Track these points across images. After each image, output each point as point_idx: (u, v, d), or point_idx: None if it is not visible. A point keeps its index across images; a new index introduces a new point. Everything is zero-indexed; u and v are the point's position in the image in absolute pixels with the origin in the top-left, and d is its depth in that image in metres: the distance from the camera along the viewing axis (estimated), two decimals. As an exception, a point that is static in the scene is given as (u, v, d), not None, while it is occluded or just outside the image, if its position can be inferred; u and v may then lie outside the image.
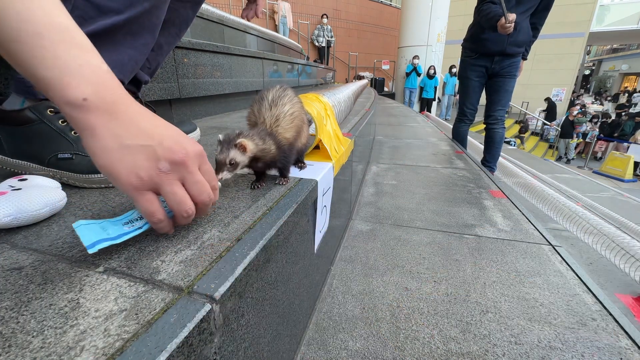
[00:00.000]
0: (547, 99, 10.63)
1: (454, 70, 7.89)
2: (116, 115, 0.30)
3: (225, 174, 0.47)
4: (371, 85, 7.47)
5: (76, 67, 0.29)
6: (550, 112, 10.25)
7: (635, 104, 11.83)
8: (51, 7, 0.29)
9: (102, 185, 0.54)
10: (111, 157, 0.30)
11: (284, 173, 0.57)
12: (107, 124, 0.30)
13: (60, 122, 0.52)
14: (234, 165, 0.47)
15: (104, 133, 0.30)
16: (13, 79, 0.53)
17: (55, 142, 0.51)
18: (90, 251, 0.30)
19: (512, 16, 1.73)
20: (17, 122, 0.50)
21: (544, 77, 11.15)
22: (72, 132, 0.52)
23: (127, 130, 0.30)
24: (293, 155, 0.59)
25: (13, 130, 0.50)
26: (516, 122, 10.77)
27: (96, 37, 0.38)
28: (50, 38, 0.28)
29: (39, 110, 0.50)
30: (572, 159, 8.76)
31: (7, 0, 0.27)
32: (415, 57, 7.34)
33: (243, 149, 0.48)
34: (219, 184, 0.38)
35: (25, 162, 0.52)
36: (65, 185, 0.52)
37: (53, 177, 0.52)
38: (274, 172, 0.58)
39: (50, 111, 0.51)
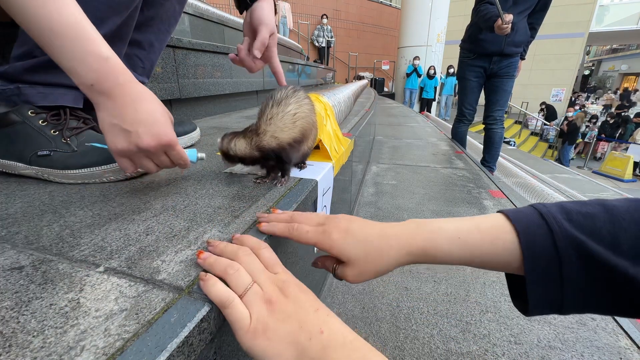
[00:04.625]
0: (543, 104, 10.63)
1: (451, 70, 7.90)
2: (113, 99, 0.40)
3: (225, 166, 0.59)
4: (371, 86, 7.46)
5: (82, 58, 0.37)
6: (549, 113, 10.26)
7: (635, 104, 11.84)
8: (61, 3, 0.36)
9: (79, 181, 0.54)
10: (104, 127, 0.41)
11: (282, 174, 0.57)
12: (106, 103, 0.40)
13: (40, 121, 0.54)
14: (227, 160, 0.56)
15: (102, 109, 0.40)
16: None
17: (35, 140, 0.54)
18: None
19: (509, 17, 1.73)
20: (3, 124, 0.53)
21: (543, 77, 11.15)
22: (52, 131, 0.54)
23: (118, 112, 0.40)
24: (288, 156, 0.56)
25: (0, 132, 0.54)
26: (516, 122, 10.79)
27: None
28: (63, 33, 0.36)
29: (21, 112, 0.53)
30: (572, 159, 8.77)
31: (26, 1, 0.34)
32: (416, 57, 7.34)
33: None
34: (188, 161, 0.49)
35: (12, 162, 0.54)
36: (48, 182, 0.54)
37: (36, 175, 0.54)
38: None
39: (31, 112, 0.54)
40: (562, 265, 0.27)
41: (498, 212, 0.32)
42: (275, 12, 0.67)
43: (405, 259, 0.33)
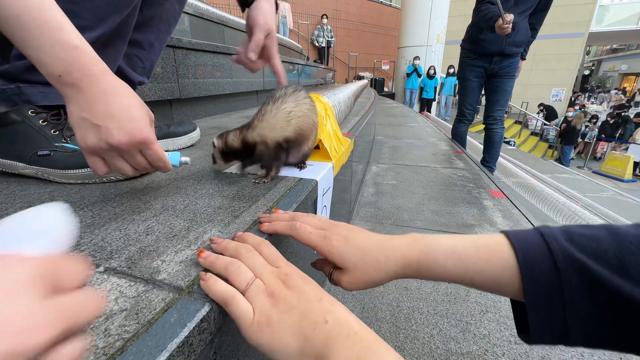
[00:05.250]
0: (541, 105, 10.65)
1: (451, 70, 7.90)
2: (82, 91, 0.37)
3: (217, 165, 0.59)
4: (371, 86, 7.45)
5: (49, 46, 0.34)
6: (549, 113, 10.27)
7: (638, 103, 11.84)
8: None
9: (79, 181, 0.54)
10: (73, 121, 0.38)
11: (266, 172, 0.57)
12: (75, 96, 0.37)
13: (40, 121, 0.54)
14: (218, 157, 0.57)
15: (72, 102, 0.37)
16: None
17: (35, 140, 0.54)
18: None
19: (510, 17, 1.73)
20: (3, 123, 0.53)
21: (543, 77, 11.14)
22: (52, 131, 0.54)
23: (87, 106, 0.37)
24: (271, 154, 0.56)
25: (0, 131, 0.54)
26: (516, 122, 10.78)
27: None
28: (27, 19, 0.33)
29: (21, 111, 0.53)
30: (572, 159, 8.76)
31: None
32: (416, 57, 7.34)
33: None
34: (168, 163, 0.45)
35: (12, 162, 0.55)
36: (48, 182, 0.54)
37: (36, 174, 0.54)
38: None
39: (31, 112, 0.54)
40: (563, 287, 0.26)
41: (501, 232, 0.32)
42: (277, 10, 0.67)
43: (401, 271, 0.33)
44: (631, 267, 0.25)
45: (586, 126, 9.40)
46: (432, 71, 7.39)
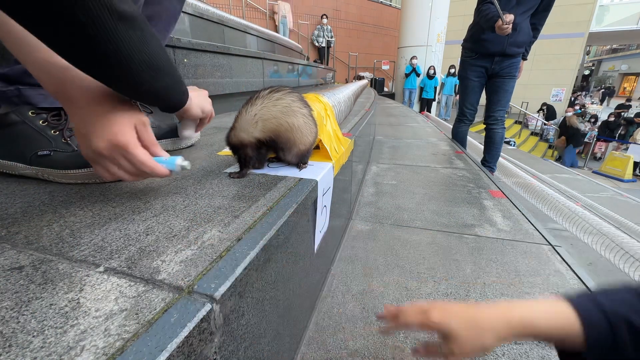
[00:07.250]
0: (544, 105, 10.66)
1: (452, 70, 7.89)
2: (73, 103, 0.41)
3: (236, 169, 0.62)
4: (371, 86, 7.45)
5: (44, 66, 0.39)
6: (549, 113, 10.27)
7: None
8: None
9: (79, 181, 0.54)
10: (76, 133, 0.42)
11: (240, 168, 0.61)
12: (71, 109, 0.42)
13: (40, 122, 0.54)
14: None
15: (71, 115, 0.42)
16: None
17: (36, 140, 0.54)
18: None
19: (510, 17, 1.72)
20: (3, 124, 0.53)
21: (543, 77, 11.14)
22: (52, 131, 0.55)
23: (78, 118, 0.41)
24: (242, 153, 0.60)
25: (1, 132, 0.54)
26: (516, 122, 10.78)
27: None
28: (22, 43, 0.38)
29: (22, 112, 0.54)
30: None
31: None
32: (414, 57, 7.33)
33: None
34: (157, 168, 0.44)
35: (13, 163, 0.55)
36: (48, 182, 0.54)
37: (36, 175, 0.55)
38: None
39: (31, 113, 0.54)
40: (618, 345, 0.33)
41: (565, 298, 0.38)
42: None
43: (498, 343, 0.39)
44: None
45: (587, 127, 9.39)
46: (431, 71, 7.39)
